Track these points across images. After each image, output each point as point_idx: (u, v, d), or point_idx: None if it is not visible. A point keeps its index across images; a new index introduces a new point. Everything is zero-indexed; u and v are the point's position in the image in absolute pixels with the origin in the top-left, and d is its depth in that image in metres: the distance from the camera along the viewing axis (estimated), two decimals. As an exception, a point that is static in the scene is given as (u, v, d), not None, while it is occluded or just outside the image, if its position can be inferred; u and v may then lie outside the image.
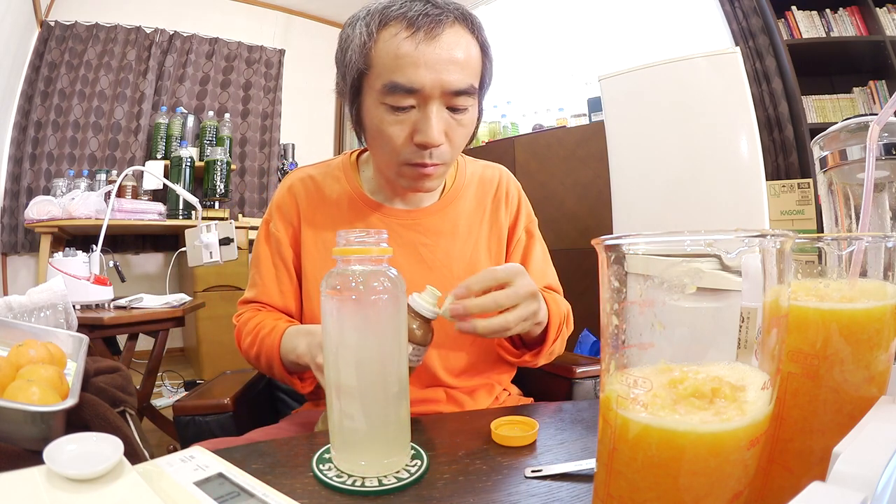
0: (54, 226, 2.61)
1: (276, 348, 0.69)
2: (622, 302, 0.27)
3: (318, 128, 4.12)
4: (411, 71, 0.61)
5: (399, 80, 0.61)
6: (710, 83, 1.92)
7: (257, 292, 0.79)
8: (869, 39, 2.35)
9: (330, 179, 0.80)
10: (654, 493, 0.26)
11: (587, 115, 2.94)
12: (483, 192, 0.83)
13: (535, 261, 0.83)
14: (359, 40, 0.64)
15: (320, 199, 0.79)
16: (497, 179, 0.85)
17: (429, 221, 0.78)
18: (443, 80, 0.62)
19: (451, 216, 0.79)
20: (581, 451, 0.51)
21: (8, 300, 0.83)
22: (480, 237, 0.80)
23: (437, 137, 0.63)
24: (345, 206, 0.78)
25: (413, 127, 0.64)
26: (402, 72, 0.61)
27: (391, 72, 0.62)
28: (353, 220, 0.77)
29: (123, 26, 3.28)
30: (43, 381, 0.53)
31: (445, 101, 0.64)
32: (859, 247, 0.33)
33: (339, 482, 0.44)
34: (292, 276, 0.79)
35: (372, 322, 0.45)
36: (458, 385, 0.77)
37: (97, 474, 0.35)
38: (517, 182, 0.88)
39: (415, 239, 0.77)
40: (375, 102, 0.65)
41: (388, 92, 0.63)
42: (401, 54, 0.61)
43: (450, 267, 0.77)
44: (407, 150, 0.66)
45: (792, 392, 0.31)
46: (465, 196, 0.81)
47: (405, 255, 0.76)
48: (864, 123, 0.46)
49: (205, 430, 0.75)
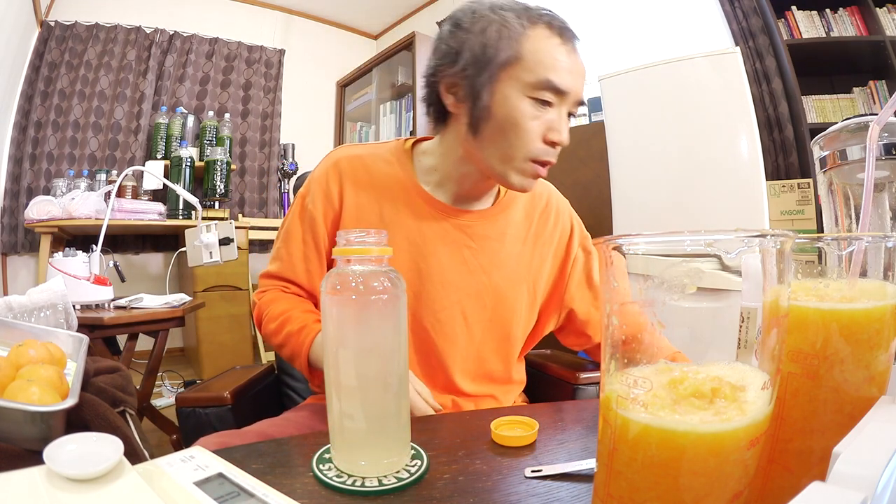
0: (54, 226, 2.61)
1: (304, 352, 0.69)
2: (622, 302, 0.27)
3: (318, 128, 4.11)
4: (566, 75, 0.67)
5: (556, 81, 0.66)
6: (710, 83, 1.92)
7: (282, 267, 0.78)
8: (869, 39, 2.35)
9: (381, 162, 0.78)
10: (654, 493, 0.26)
11: (587, 115, 2.94)
12: (532, 206, 0.83)
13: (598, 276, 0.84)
14: (515, 30, 0.67)
15: (368, 181, 0.76)
16: (546, 196, 0.86)
17: (479, 225, 0.78)
18: (579, 90, 0.69)
19: (500, 224, 0.79)
20: (581, 451, 0.51)
21: (8, 300, 0.83)
22: (524, 249, 0.80)
23: (567, 138, 0.69)
24: (395, 191, 0.76)
25: (547, 125, 0.68)
26: (558, 74, 0.66)
27: (548, 70, 0.66)
28: (400, 208, 0.75)
29: (123, 26, 3.28)
30: (43, 381, 0.53)
31: (570, 108, 0.70)
32: (859, 247, 0.33)
33: (339, 482, 0.44)
34: (322, 256, 0.77)
35: (372, 322, 0.45)
36: (472, 392, 0.77)
37: (97, 474, 0.35)
38: (566, 200, 0.89)
39: (461, 240, 0.77)
40: (519, 94, 0.67)
41: (540, 87, 0.66)
42: (558, 58, 0.67)
43: (490, 273, 0.77)
44: (539, 145, 0.68)
45: (792, 392, 0.31)
46: (515, 206, 0.81)
47: (449, 254, 0.76)
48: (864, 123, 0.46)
49: (204, 423, 0.76)
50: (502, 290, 0.77)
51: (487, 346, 0.78)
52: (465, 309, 0.76)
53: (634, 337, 0.27)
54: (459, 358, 0.76)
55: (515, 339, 0.80)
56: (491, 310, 0.77)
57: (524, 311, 0.80)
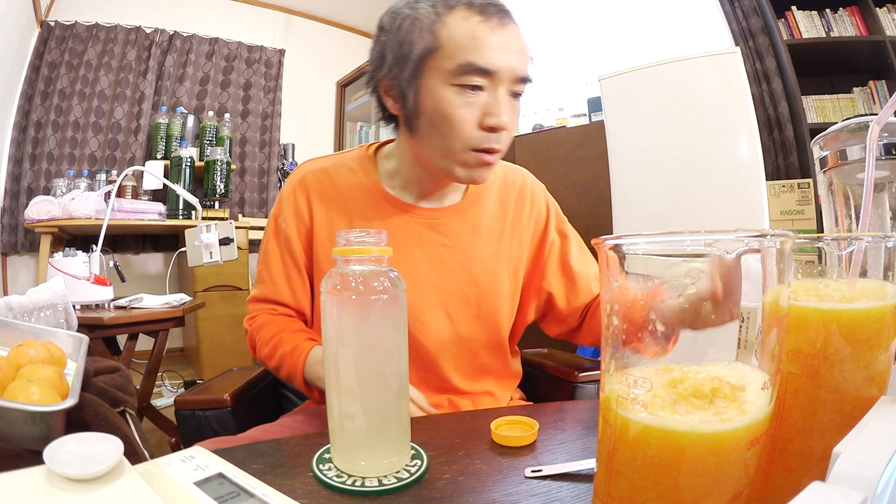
0: (54, 226, 2.61)
1: (299, 371, 0.69)
2: (622, 302, 0.27)
3: (318, 128, 4.12)
4: (489, 53, 0.62)
5: (476, 61, 0.62)
6: (710, 83, 1.92)
7: (266, 289, 0.78)
8: (869, 39, 2.35)
9: (345, 172, 0.77)
10: (654, 493, 0.26)
11: (587, 115, 2.94)
12: (506, 194, 0.81)
13: (574, 260, 0.83)
14: (426, 20, 0.64)
15: (335, 193, 0.76)
16: (520, 182, 0.83)
17: (450, 221, 0.76)
18: (514, 65, 0.64)
19: (473, 217, 0.78)
20: (581, 451, 0.51)
21: (8, 300, 0.83)
22: (502, 240, 0.79)
23: (507, 120, 0.65)
24: (362, 200, 0.75)
25: (482, 110, 0.65)
26: (479, 53, 0.62)
27: (467, 52, 0.63)
28: (370, 216, 0.75)
29: (123, 26, 3.28)
30: (43, 381, 0.53)
31: (510, 87, 0.66)
32: (859, 247, 0.33)
33: (339, 482, 0.44)
34: (302, 273, 0.77)
35: (372, 322, 0.45)
36: (468, 389, 0.77)
37: (97, 474, 0.35)
38: (541, 184, 0.87)
39: (435, 239, 0.76)
40: (442, 84, 0.64)
41: (462, 72, 0.63)
42: (478, 36, 0.63)
43: (469, 269, 0.76)
44: (476, 133, 0.65)
45: (792, 392, 0.31)
46: (487, 197, 0.80)
47: (424, 255, 0.75)
48: (864, 123, 0.46)
49: (204, 425, 0.76)
50: (484, 284, 0.77)
51: (477, 341, 0.77)
52: (449, 308, 0.75)
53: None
54: (450, 357, 0.75)
55: (504, 331, 0.80)
56: (476, 305, 0.76)
57: (508, 302, 0.79)
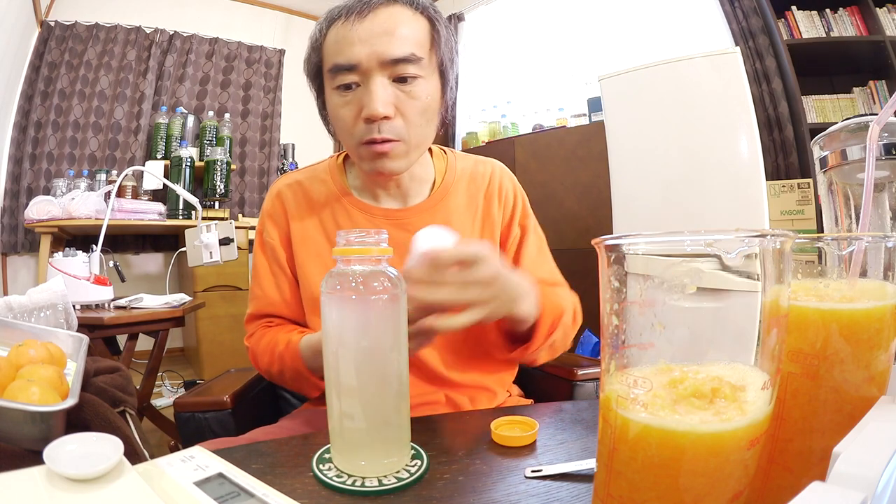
0: (54, 226, 2.61)
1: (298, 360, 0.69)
2: (622, 302, 0.27)
3: (318, 128, 4.03)
4: (347, 49, 0.64)
5: (338, 61, 0.65)
6: (710, 83, 1.92)
7: (259, 304, 0.79)
8: (869, 39, 2.35)
9: (317, 183, 0.80)
10: (654, 493, 0.26)
11: (587, 115, 2.94)
12: (475, 188, 0.81)
13: (526, 256, 0.82)
14: (313, 41, 0.70)
15: (307, 203, 0.79)
16: (489, 174, 0.82)
17: (418, 219, 0.76)
18: (377, 50, 0.64)
19: (441, 213, 0.78)
20: (581, 451, 0.51)
21: (8, 300, 0.83)
22: (474, 233, 0.79)
23: (380, 108, 0.64)
24: (333, 207, 0.78)
25: (360, 104, 0.66)
26: (340, 53, 0.65)
27: (333, 56, 0.66)
28: (341, 222, 0.77)
29: (123, 26, 3.28)
30: (43, 381, 0.53)
31: (388, 73, 0.65)
32: (859, 247, 0.33)
33: (339, 482, 0.44)
34: (292, 282, 0.79)
35: (372, 322, 0.45)
36: (459, 382, 0.77)
37: (97, 474, 0.35)
38: (513, 176, 0.86)
39: (404, 238, 0.75)
40: (330, 92, 0.69)
41: (334, 75, 0.66)
42: (339, 38, 0.65)
43: None
44: (358, 128, 0.67)
45: (792, 392, 0.31)
46: (455, 192, 0.80)
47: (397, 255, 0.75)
48: (864, 123, 0.46)
49: (204, 427, 0.75)
50: None
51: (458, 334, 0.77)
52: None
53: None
54: (437, 351, 0.76)
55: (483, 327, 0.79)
56: None
57: None
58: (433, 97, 0.70)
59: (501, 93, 3.53)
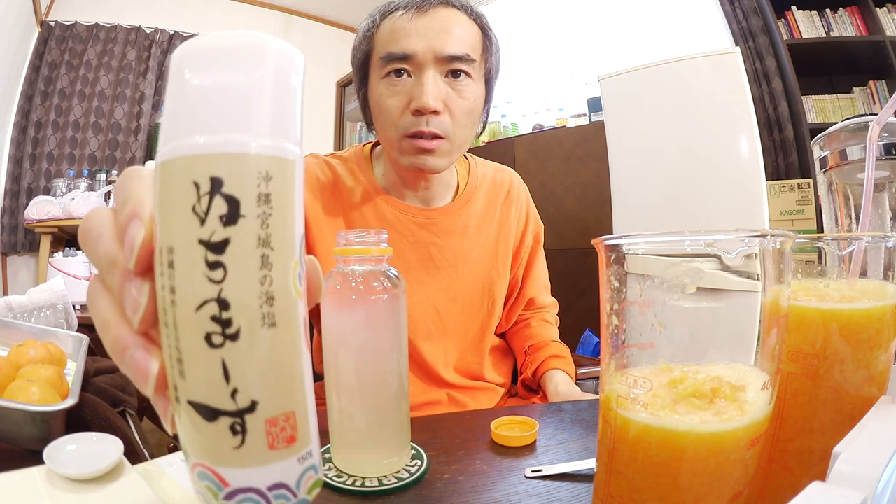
0: (54, 226, 2.61)
1: None
2: (622, 302, 0.27)
3: (318, 128, 4.11)
4: (404, 39, 0.65)
5: (393, 49, 0.66)
6: (710, 83, 1.92)
7: None
8: (869, 39, 2.35)
9: (345, 171, 0.78)
10: (654, 493, 0.26)
11: (587, 115, 2.94)
12: (494, 195, 0.83)
13: (538, 266, 0.86)
14: (364, 30, 0.70)
15: (335, 187, 0.77)
16: (508, 183, 0.85)
17: (442, 221, 0.77)
18: (434, 45, 0.65)
19: (462, 218, 0.79)
20: (581, 451, 0.51)
21: (8, 300, 0.83)
22: (488, 239, 0.81)
23: (431, 101, 0.64)
24: (359, 198, 0.76)
25: (409, 96, 0.66)
26: (395, 42, 0.66)
27: (387, 45, 0.67)
28: (367, 213, 0.76)
29: (123, 26, 3.28)
30: (43, 381, 0.53)
31: (441, 68, 0.66)
32: (859, 247, 0.33)
33: (339, 482, 0.44)
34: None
35: (372, 322, 0.45)
36: (460, 384, 0.77)
37: (97, 474, 0.35)
38: (526, 187, 0.89)
39: (426, 238, 0.77)
40: (377, 80, 0.69)
41: (385, 63, 0.67)
42: (396, 28, 0.66)
43: (456, 267, 0.78)
44: (405, 119, 0.67)
45: (792, 392, 0.31)
46: (477, 198, 0.81)
47: (415, 253, 0.76)
48: (864, 123, 0.46)
49: None
50: (469, 283, 0.78)
51: (461, 338, 0.79)
52: (437, 304, 0.77)
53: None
54: (440, 353, 0.76)
55: (491, 328, 0.81)
56: (461, 303, 0.78)
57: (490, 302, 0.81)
58: (479, 101, 0.71)
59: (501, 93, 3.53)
